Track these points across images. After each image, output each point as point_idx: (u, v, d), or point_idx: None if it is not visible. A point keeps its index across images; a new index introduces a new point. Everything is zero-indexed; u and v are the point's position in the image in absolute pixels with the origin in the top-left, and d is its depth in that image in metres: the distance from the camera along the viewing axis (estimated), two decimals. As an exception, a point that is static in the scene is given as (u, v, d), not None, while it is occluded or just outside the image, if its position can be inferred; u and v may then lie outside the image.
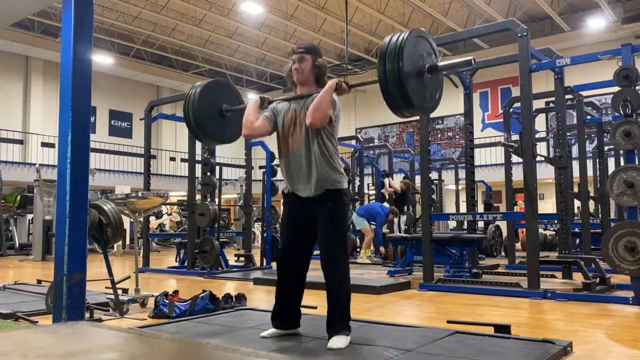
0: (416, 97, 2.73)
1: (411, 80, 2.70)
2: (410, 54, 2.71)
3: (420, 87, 2.77)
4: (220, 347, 0.73)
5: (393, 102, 2.74)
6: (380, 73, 2.71)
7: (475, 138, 6.98)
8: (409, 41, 2.71)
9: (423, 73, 2.79)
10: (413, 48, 2.75)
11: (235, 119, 3.55)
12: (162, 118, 10.47)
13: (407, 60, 2.68)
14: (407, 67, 2.68)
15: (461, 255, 6.32)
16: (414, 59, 2.75)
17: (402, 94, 2.67)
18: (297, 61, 3.08)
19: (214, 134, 3.60)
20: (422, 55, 2.82)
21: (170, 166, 20.34)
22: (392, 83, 2.66)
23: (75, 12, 2.49)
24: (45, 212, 11.62)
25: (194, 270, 7.64)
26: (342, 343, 2.87)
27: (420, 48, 2.82)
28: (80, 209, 2.45)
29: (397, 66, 2.64)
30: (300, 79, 3.10)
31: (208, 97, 3.46)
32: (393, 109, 2.82)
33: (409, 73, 2.69)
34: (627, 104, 4.84)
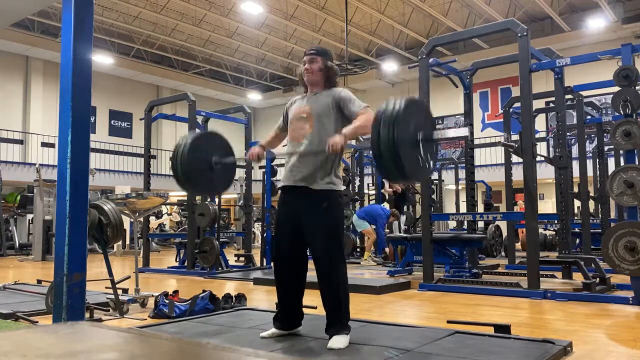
0: (410, 166, 2.67)
1: (405, 150, 2.65)
2: (406, 122, 2.65)
3: (414, 156, 2.72)
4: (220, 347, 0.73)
5: (386, 169, 2.69)
6: (373, 140, 2.64)
7: (475, 138, 6.98)
8: (405, 109, 2.66)
9: (418, 142, 2.74)
10: (409, 116, 2.70)
11: (224, 171, 3.51)
12: (162, 118, 10.47)
13: (402, 128, 2.61)
14: (402, 136, 2.61)
15: (461, 255, 6.32)
16: (409, 127, 2.68)
17: (396, 163, 2.61)
18: (307, 62, 3.13)
19: (202, 187, 3.54)
20: (418, 124, 2.78)
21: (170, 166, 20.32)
22: (386, 152, 2.61)
23: (75, 12, 2.49)
24: (45, 212, 11.62)
25: (194, 270, 7.64)
26: (342, 343, 2.87)
27: (417, 116, 2.78)
28: (80, 209, 2.45)
29: (392, 134, 2.58)
30: (310, 79, 3.14)
31: (198, 149, 3.37)
32: (385, 176, 2.78)
33: (404, 142, 2.62)
34: (627, 104, 4.83)
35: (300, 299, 3.18)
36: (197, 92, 18.75)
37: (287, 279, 3.14)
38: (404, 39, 18.12)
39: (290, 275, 3.13)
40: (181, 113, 10.63)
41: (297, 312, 3.19)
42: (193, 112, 8.03)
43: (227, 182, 3.56)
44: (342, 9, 15.08)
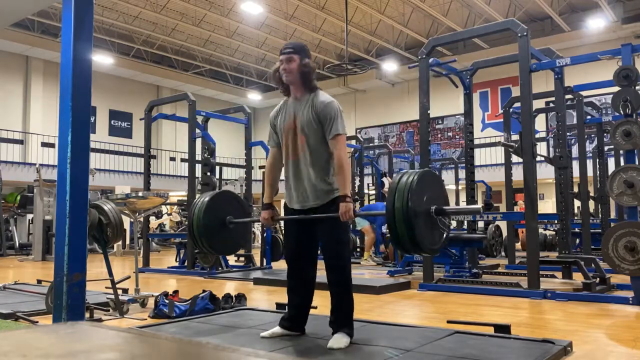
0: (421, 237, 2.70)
1: (417, 222, 2.68)
2: (419, 194, 2.70)
3: (426, 228, 2.75)
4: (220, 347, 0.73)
5: (399, 241, 2.72)
6: (388, 212, 2.69)
7: (475, 138, 6.98)
8: (419, 181, 2.70)
9: (430, 215, 2.77)
10: (422, 188, 2.73)
11: (239, 230, 3.60)
12: (162, 118, 10.47)
13: (415, 200, 2.67)
14: (415, 207, 2.66)
15: (461, 255, 6.32)
16: (421, 199, 2.73)
17: (409, 234, 2.65)
18: (284, 61, 3.01)
19: (216, 246, 3.58)
20: (431, 197, 2.80)
21: (170, 166, 20.34)
22: (400, 224, 2.64)
23: (75, 12, 2.49)
24: (45, 212, 11.61)
25: (194, 270, 7.64)
26: (342, 343, 2.87)
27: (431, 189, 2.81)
28: (80, 209, 2.45)
29: (405, 205, 2.62)
30: (288, 79, 3.03)
31: (213, 208, 3.43)
32: (398, 247, 2.81)
33: (417, 214, 2.67)
34: (627, 104, 4.83)
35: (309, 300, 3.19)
36: (197, 92, 18.76)
37: (298, 284, 3.16)
38: (404, 39, 18.12)
39: (301, 281, 3.15)
40: (181, 113, 10.63)
41: (305, 314, 3.19)
42: (193, 112, 8.03)
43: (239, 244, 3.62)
44: (342, 9, 15.07)
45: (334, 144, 2.93)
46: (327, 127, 2.95)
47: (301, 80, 3.02)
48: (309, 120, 2.98)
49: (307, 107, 3.00)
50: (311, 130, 2.98)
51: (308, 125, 2.98)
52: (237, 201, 3.66)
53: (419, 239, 2.64)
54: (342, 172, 2.91)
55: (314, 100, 3.01)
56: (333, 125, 2.93)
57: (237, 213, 3.56)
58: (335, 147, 2.93)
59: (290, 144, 3.06)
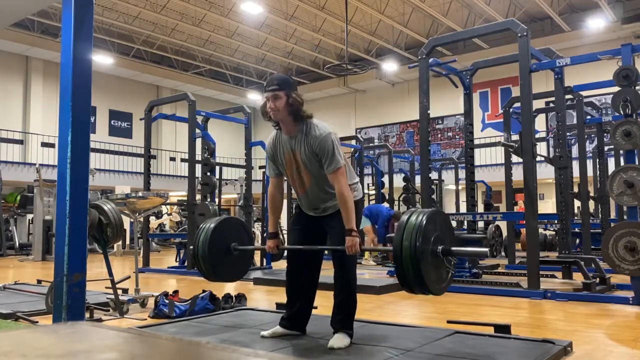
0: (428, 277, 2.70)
1: (426, 259, 2.69)
2: (427, 234, 2.70)
3: (432, 267, 2.76)
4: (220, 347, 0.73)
5: (405, 280, 2.72)
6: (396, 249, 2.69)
7: (475, 138, 6.98)
8: (428, 221, 2.70)
9: (437, 255, 2.77)
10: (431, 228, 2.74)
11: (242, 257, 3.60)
12: (162, 118, 10.47)
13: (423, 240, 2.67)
14: (423, 248, 2.66)
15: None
16: (429, 239, 2.73)
17: (416, 273, 2.65)
18: (271, 99, 2.94)
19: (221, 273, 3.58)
20: (438, 236, 2.80)
21: (170, 166, 20.34)
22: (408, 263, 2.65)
23: (75, 12, 2.49)
24: (45, 212, 11.61)
25: (194, 270, 7.63)
26: (342, 343, 2.87)
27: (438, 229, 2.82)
28: (80, 209, 2.45)
29: (414, 244, 2.62)
30: (277, 117, 2.99)
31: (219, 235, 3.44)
32: (404, 286, 2.81)
33: (424, 253, 2.68)
34: (627, 104, 4.83)
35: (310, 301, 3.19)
36: (197, 92, 18.76)
37: (298, 282, 3.16)
38: (404, 39, 18.12)
39: (302, 279, 3.16)
40: (181, 113, 10.63)
41: (306, 314, 3.19)
42: (193, 112, 8.03)
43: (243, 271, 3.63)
44: (342, 9, 15.07)
45: (333, 178, 2.92)
46: (325, 162, 2.92)
47: (291, 117, 2.96)
48: (309, 157, 2.96)
49: (303, 143, 2.97)
50: (313, 165, 2.98)
51: (309, 161, 2.97)
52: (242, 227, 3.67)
53: (425, 278, 2.65)
54: (345, 207, 2.89)
55: (307, 136, 2.96)
56: (330, 160, 2.90)
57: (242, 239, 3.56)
58: (335, 182, 2.91)
59: (297, 180, 3.08)
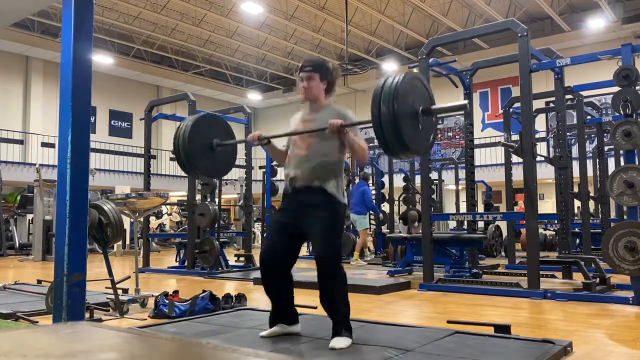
0: (410, 139, 2.71)
1: (405, 123, 2.67)
2: (404, 96, 2.69)
3: (414, 130, 2.75)
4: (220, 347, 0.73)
5: (387, 144, 2.72)
6: (374, 116, 2.69)
7: (475, 138, 6.98)
8: (403, 84, 2.69)
9: (417, 116, 2.78)
10: (408, 90, 2.73)
11: (225, 153, 3.58)
12: (162, 118, 10.47)
13: (401, 102, 2.66)
14: (402, 110, 2.65)
15: (461, 255, 6.32)
16: (408, 101, 2.73)
17: (397, 136, 2.64)
18: (305, 79, 3.03)
19: (204, 168, 3.58)
20: (417, 98, 2.80)
21: (170, 166, 20.33)
22: (387, 125, 2.63)
23: (75, 12, 2.49)
24: (45, 212, 11.61)
25: (194, 270, 7.64)
26: (343, 344, 2.87)
27: (415, 91, 2.80)
28: (80, 209, 2.45)
29: (391, 109, 2.62)
30: (309, 97, 3.07)
31: (198, 131, 3.43)
32: (388, 151, 2.81)
33: (404, 115, 2.67)
34: (627, 104, 4.83)
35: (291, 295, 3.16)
36: (197, 92, 18.76)
37: (274, 277, 3.12)
38: (404, 39, 18.12)
39: (277, 273, 3.11)
40: (181, 113, 10.64)
41: (291, 307, 3.17)
42: (193, 112, 8.02)
43: (226, 166, 3.59)
44: (342, 9, 15.07)
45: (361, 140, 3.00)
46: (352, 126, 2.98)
47: (324, 94, 3.09)
48: (324, 119, 2.97)
49: (324, 114, 3.02)
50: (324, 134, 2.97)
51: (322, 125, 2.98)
52: (222, 124, 3.66)
53: (407, 139, 2.65)
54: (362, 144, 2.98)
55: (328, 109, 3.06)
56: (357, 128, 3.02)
57: (223, 135, 3.56)
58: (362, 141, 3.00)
59: (300, 141, 3.06)
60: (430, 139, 2.92)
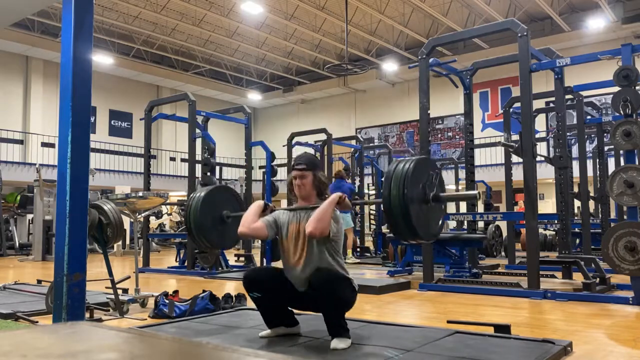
0: (418, 222, 2.71)
1: (415, 206, 2.69)
2: (415, 181, 2.71)
3: (423, 214, 2.76)
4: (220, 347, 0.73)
5: (397, 229, 2.72)
6: (384, 197, 2.71)
7: (475, 138, 6.98)
8: (415, 168, 2.70)
9: (427, 201, 2.78)
10: (418, 175, 2.74)
11: (236, 224, 3.60)
12: (162, 118, 10.47)
13: (412, 187, 2.68)
14: (411, 195, 2.67)
15: (461, 255, 6.32)
16: (418, 186, 2.74)
17: (406, 221, 2.65)
18: (298, 177, 3.07)
19: (215, 241, 3.60)
20: (427, 183, 2.80)
21: (170, 166, 20.33)
22: (397, 211, 2.64)
23: (75, 12, 2.49)
24: (45, 212, 11.61)
25: (194, 270, 7.64)
26: (344, 344, 2.86)
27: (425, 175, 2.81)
28: (80, 209, 2.45)
29: (401, 193, 2.63)
30: (302, 195, 3.10)
31: (210, 204, 3.47)
32: (396, 235, 2.81)
33: (413, 201, 2.68)
34: (627, 104, 4.83)
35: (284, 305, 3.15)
36: (197, 92, 18.75)
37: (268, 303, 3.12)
38: (404, 39, 18.11)
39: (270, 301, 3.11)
40: (181, 113, 10.63)
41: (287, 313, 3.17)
42: (193, 112, 8.03)
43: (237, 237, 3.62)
44: (342, 9, 15.07)
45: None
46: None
47: (315, 193, 3.09)
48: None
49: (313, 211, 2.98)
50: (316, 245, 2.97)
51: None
52: (233, 195, 3.69)
53: (415, 225, 2.65)
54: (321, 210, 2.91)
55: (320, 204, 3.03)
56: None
57: (233, 207, 3.59)
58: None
59: (293, 247, 3.04)
60: (439, 225, 2.91)
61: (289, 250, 3.07)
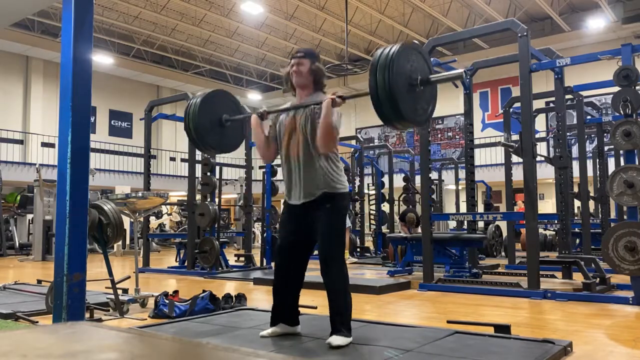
0: (407, 109, 2.71)
1: (402, 92, 2.67)
2: (401, 66, 2.69)
3: (411, 100, 2.75)
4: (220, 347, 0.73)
5: (384, 114, 2.72)
6: (371, 85, 2.69)
7: (475, 138, 6.98)
8: (400, 54, 2.69)
9: (415, 85, 2.77)
10: (405, 60, 2.73)
11: (235, 128, 3.65)
12: (162, 118, 10.47)
13: (398, 72, 2.66)
14: (398, 79, 2.66)
15: (461, 255, 6.32)
16: (405, 71, 2.73)
17: (393, 105, 2.64)
18: (295, 64, 3.10)
19: (214, 143, 3.61)
20: (415, 68, 2.79)
21: (170, 166, 20.33)
22: (383, 95, 2.64)
23: (75, 12, 2.49)
24: (45, 212, 11.61)
25: (194, 270, 7.64)
26: (342, 341, 2.87)
27: (413, 60, 2.80)
28: (80, 209, 2.45)
29: (387, 78, 2.62)
30: (298, 82, 3.12)
31: (208, 107, 3.48)
32: (384, 121, 2.80)
33: (400, 85, 2.67)
34: (627, 104, 4.83)
35: (297, 296, 3.18)
36: (197, 92, 18.68)
37: (287, 277, 3.13)
38: (404, 39, 18.11)
39: (290, 274, 3.13)
40: (181, 113, 10.59)
41: (295, 309, 3.18)
42: (193, 112, 8.01)
43: (237, 141, 3.63)
44: (342, 9, 15.07)
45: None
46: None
47: (312, 83, 3.12)
48: (309, 119, 3.01)
49: (308, 109, 3.04)
50: (310, 128, 3.00)
51: (310, 122, 3.00)
52: (232, 101, 3.71)
53: (402, 110, 2.66)
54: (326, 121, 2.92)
55: (317, 98, 3.06)
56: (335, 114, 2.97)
57: (233, 111, 3.61)
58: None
59: (290, 143, 3.08)
60: (429, 110, 2.92)
61: (287, 144, 3.10)
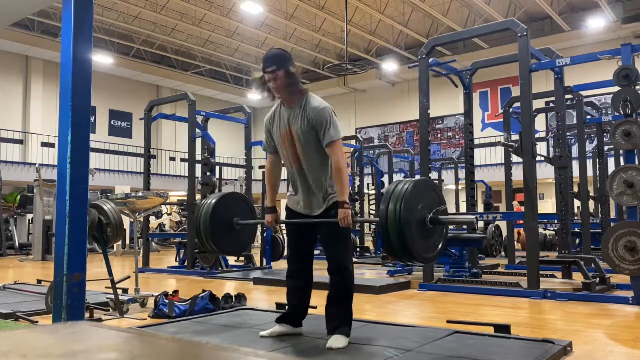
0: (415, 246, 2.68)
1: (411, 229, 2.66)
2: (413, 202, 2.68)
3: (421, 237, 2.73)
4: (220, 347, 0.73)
5: (391, 248, 2.70)
6: (381, 217, 2.68)
7: (475, 138, 6.98)
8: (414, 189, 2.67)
9: (425, 223, 2.75)
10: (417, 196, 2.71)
11: (245, 231, 3.68)
12: (162, 118, 10.47)
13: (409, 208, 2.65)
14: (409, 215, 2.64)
15: (461, 255, 6.32)
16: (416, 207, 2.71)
17: (401, 241, 2.62)
18: (272, 81, 3.00)
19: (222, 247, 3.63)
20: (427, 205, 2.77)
21: (170, 166, 20.33)
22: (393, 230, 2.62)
23: (75, 12, 2.49)
24: (45, 212, 11.61)
25: (194, 270, 7.64)
26: (341, 343, 2.87)
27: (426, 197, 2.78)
28: (80, 209, 2.45)
29: (398, 212, 2.60)
30: (282, 96, 3.06)
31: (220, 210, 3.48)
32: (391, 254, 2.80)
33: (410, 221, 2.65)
34: (627, 104, 4.83)
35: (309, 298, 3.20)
36: (197, 92, 18.75)
37: (299, 283, 3.15)
38: (404, 39, 18.12)
39: (301, 280, 3.15)
40: (181, 113, 10.63)
41: (304, 311, 3.20)
42: (193, 112, 8.03)
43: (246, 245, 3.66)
44: (342, 9, 15.07)
45: (330, 151, 2.93)
46: (322, 134, 2.93)
47: (289, 93, 3.02)
48: (304, 130, 2.97)
49: (300, 115, 2.99)
50: (307, 139, 2.98)
51: (304, 135, 2.97)
52: (244, 202, 3.71)
53: (410, 246, 2.62)
54: (341, 178, 2.91)
55: (306, 108, 2.99)
56: (327, 132, 2.92)
57: (244, 214, 3.59)
58: (332, 154, 2.93)
59: (290, 154, 3.06)
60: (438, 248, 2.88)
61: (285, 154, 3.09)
